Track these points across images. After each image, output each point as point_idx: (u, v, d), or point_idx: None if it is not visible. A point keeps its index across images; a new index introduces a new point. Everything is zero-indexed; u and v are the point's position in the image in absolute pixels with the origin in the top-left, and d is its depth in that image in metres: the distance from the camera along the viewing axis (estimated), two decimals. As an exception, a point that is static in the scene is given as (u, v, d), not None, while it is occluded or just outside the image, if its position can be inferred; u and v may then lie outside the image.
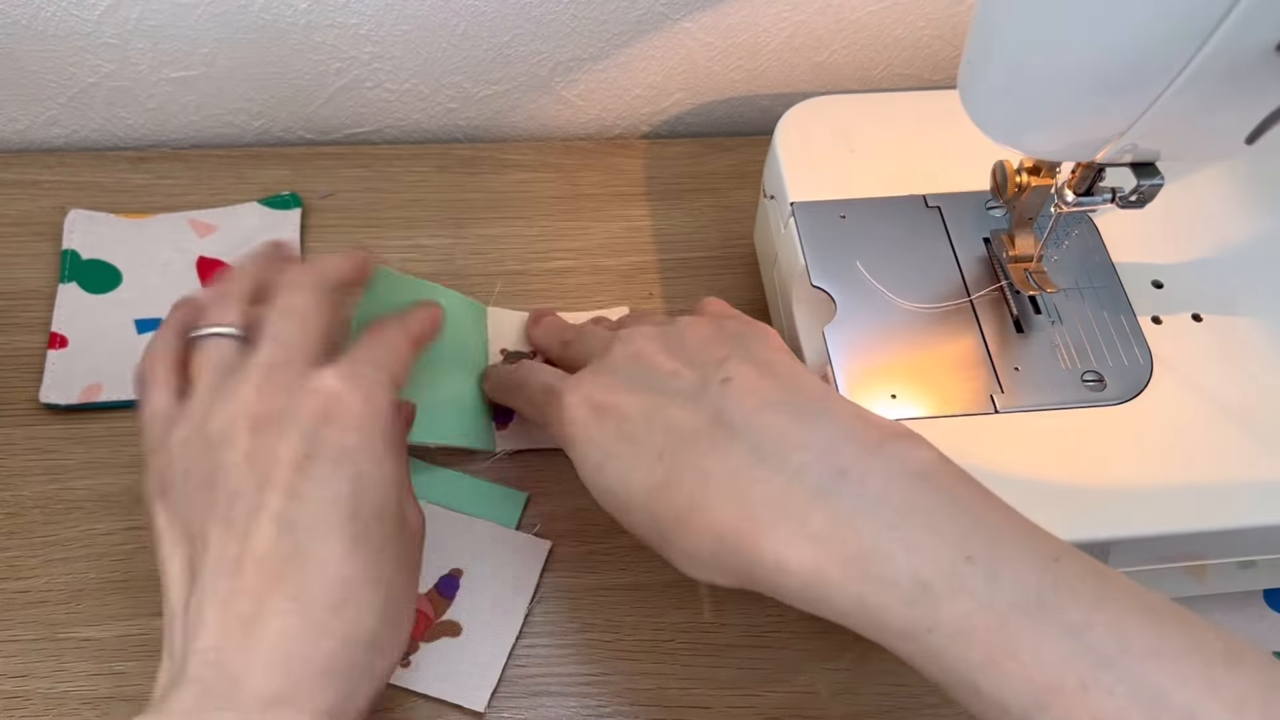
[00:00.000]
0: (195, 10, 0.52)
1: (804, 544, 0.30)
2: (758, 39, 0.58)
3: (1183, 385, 0.42)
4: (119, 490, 0.46)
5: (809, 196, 0.46)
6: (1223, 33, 0.28)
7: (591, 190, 0.58)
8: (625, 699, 0.42)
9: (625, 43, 0.57)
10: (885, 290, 0.44)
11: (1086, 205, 0.40)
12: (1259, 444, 0.40)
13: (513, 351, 0.50)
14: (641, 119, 0.62)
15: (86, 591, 0.43)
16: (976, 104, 0.36)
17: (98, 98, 0.56)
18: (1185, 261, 0.45)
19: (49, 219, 0.53)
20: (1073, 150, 0.37)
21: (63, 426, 0.47)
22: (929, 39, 0.60)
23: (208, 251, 0.52)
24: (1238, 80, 0.30)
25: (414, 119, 0.60)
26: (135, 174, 0.56)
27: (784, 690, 0.43)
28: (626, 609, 0.44)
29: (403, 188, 0.57)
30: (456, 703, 0.41)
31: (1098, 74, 0.31)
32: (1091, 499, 0.39)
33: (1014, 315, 0.44)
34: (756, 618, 0.44)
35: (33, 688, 0.41)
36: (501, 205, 0.56)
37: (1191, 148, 0.36)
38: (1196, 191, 0.47)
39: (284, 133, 0.60)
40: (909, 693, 0.43)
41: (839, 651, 0.44)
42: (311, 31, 0.54)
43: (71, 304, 0.50)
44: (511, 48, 0.56)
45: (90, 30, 0.52)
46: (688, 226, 0.57)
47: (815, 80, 0.61)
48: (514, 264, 0.54)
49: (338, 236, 0.54)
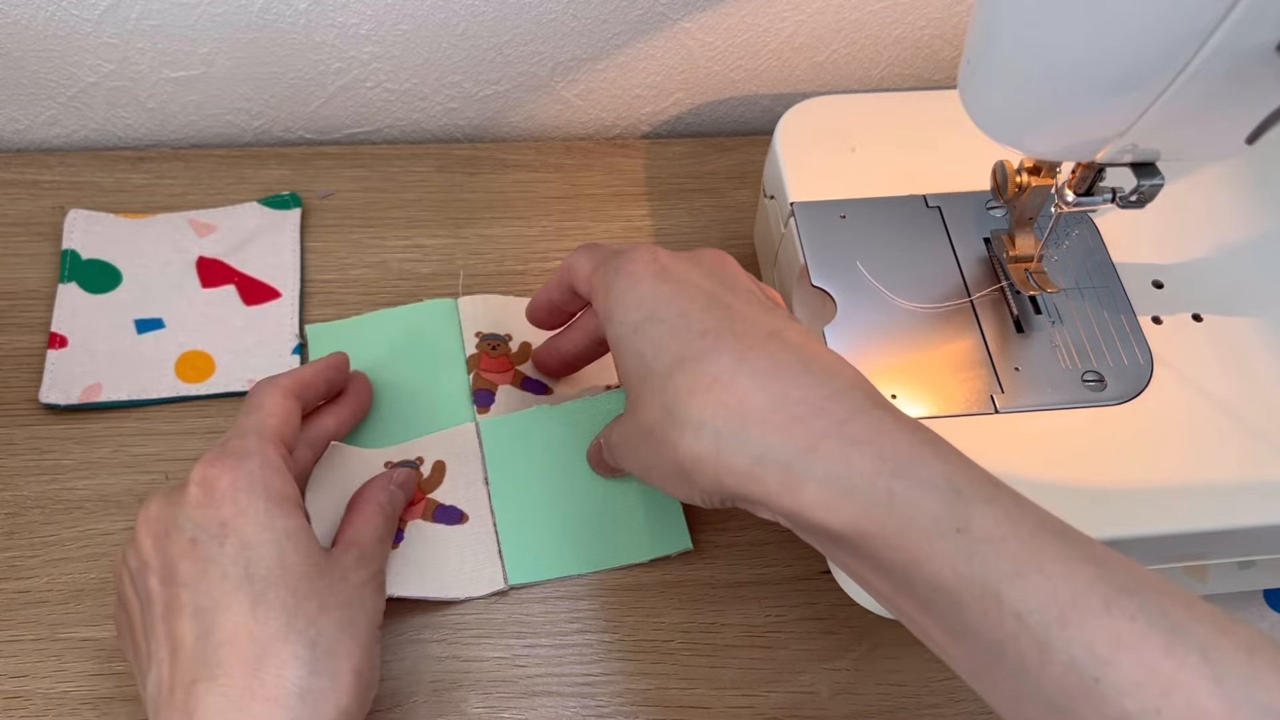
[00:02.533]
0: (195, 10, 0.52)
1: (837, 442, 0.31)
2: (758, 39, 0.58)
3: (1183, 385, 0.42)
4: (119, 490, 0.46)
5: (809, 196, 0.46)
6: (1223, 32, 0.28)
7: (591, 190, 0.58)
8: (625, 699, 0.42)
9: (625, 43, 0.57)
10: (885, 290, 0.44)
11: (1086, 205, 0.40)
12: (1259, 444, 0.40)
13: (488, 334, 0.50)
14: (641, 119, 0.62)
15: (86, 591, 0.43)
16: (976, 104, 0.36)
17: (97, 98, 0.56)
18: (1185, 261, 0.45)
19: (49, 219, 0.53)
20: (1073, 150, 0.37)
21: (63, 426, 0.47)
22: (929, 39, 0.60)
23: (208, 251, 0.52)
24: (1238, 80, 0.30)
25: (414, 119, 0.60)
26: (135, 174, 0.56)
27: (784, 690, 0.43)
28: (626, 609, 0.44)
29: (402, 188, 0.57)
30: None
31: (1098, 74, 0.31)
32: (1091, 499, 0.39)
33: (1014, 315, 0.44)
34: (756, 618, 0.44)
35: (33, 688, 0.41)
36: (501, 205, 0.56)
37: (1192, 148, 0.36)
38: (1196, 191, 0.47)
39: (284, 133, 0.60)
40: (909, 692, 0.43)
41: (839, 651, 0.44)
42: (311, 31, 0.54)
43: (71, 304, 0.50)
44: (511, 48, 0.56)
45: (90, 30, 0.52)
46: (688, 226, 0.57)
47: (815, 80, 0.61)
48: (514, 264, 0.54)
49: (338, 236, 0.54)
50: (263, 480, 0.36)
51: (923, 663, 0.44)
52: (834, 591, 0.44)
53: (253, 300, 0.51)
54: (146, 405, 0.48)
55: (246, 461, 0.36)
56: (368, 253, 0.54)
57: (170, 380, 0.48)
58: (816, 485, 0.31)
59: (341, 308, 0.52)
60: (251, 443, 0.37)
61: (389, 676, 0.42)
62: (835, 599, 0.44)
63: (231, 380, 0.49)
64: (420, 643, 0.43)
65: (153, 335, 0.50)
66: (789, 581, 0.46)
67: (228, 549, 0.34)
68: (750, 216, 0.55)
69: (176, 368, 0.49)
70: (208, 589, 0.34)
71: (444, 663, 0.43)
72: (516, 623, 0.44)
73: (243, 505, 0.35)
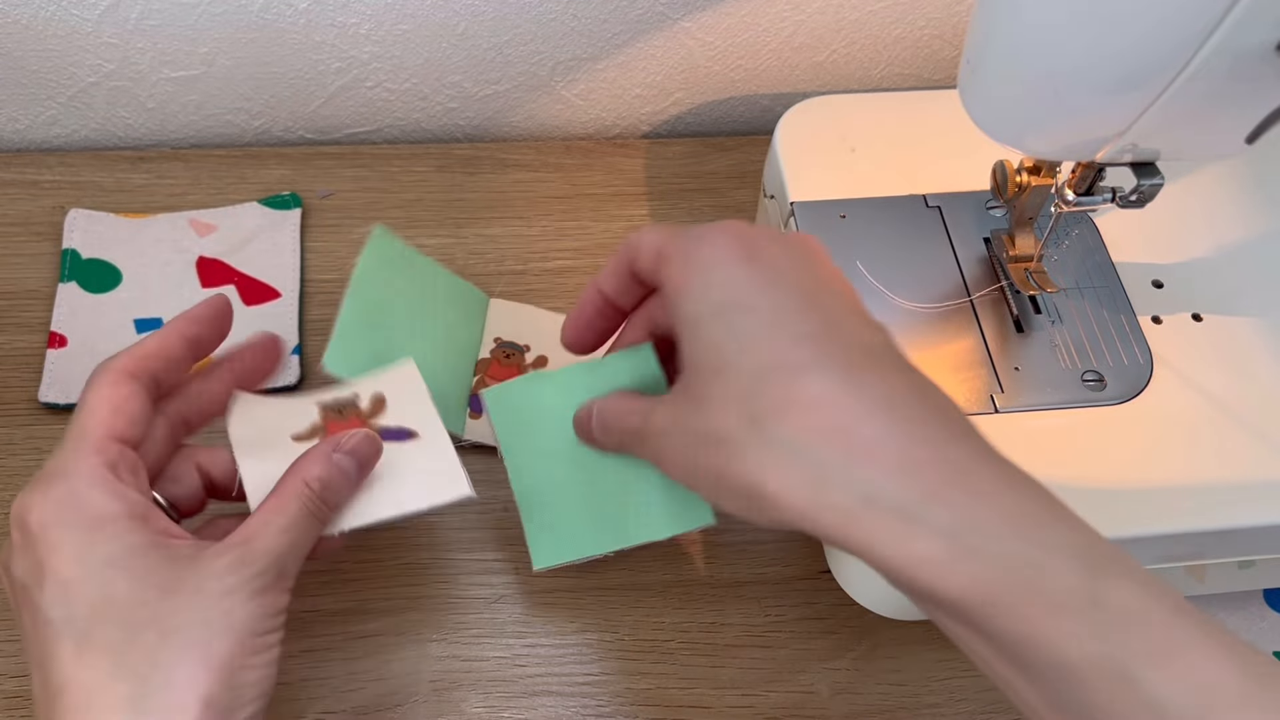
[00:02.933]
0: (195, 10, 0.52)
1: (962, 492, 0.27)
2: (758, 39, 0.58)
3: (1183, 385, 0.42)
4: (119, 490, 0.46)
5: (809, 196, 0.46)
6: (1223, 32, 0.28)
7: (591, 190, 0.58)
8: (625, 699, 0.42)
9: (625, 43, 0.57)
10: (885, 290, 0.44)
11: (1086, 205, 0.40)
12: (1259, 444, 0.40)
13: (506, 341, 0.49)
14: (641, 119, 0.62)
15: (86, 591, 0.43)
16: (977, 104, 0.36)
17: (98, 97, 0.56)
18: (1185, 261, 0.45)
19: (49, 219, 0.53)
20: (1073, 150, 0.37)
21: (62, 426, 0.47)
22: (929, 39, 0.60)
23: (208, 251, 0.52)
24: (1238, 80, 0.30)
25: (414, 119, 0.60)
26: (135, 174, 0.56)
27: (784, 690, 0.43)
28: (626, 609, 0.44)
29: (402, 187, 0.57)
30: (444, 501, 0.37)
31: (1098, 73, 0.31)
32: (1091, 499, 0.38)
33: (1014, 315, 0.44)
34: (756, 617, 0.44)
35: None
36: (501, 205, 0.56)
37: (1191, 147, 0.36)
38: (1196, 191, 0.47)
39: (284, 132, 0.60)
40: (909, 692, 0.43)
41: (839, 651, 0.44)
42: (311, 31, 0.54)
43: (71, 303, 0.50)
44: (511, 47, 0.56)
45: (90, 30, 0.52)
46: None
47: (815, 80, 0.61)
48: (514, 264, 0.54)
49: (337, 236, 0.54)
50: (74, 505, 0.31)
51: (923, 662, 0.44)
52: (834, 591, 0.44)
53: (253, 300, 0.51)
54: (146, 405, 0.48)
55: (54, 488, 0.32)
56: (368, 252, 0.54)
57: (170, 380, 0.48)
58: (935, 539, 0.27)
59: (341, 307, 0.52)
60: (63, 459, 0.32)
61: (389, 676, 0.42)
62: (835, 598, 0.44)
63: (231, 380, 0.49)
64: (420, 643, 0.43)
65: (153, 335, 0.50)
66: (789, 581, 0.46)
67: (47, 592, 0.30)
68: (750, 216, 0.55)
69: (176, 367, 0.49)
70: (39, 639, 0.31)
71: (444, 663, 0.43)
72: (516, 623, 0.44)
73: (54, 540, 0.31)
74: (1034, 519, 0.27)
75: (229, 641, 0.31)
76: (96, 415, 0.33)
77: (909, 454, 0.28)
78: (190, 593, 0.31)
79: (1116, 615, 0.26)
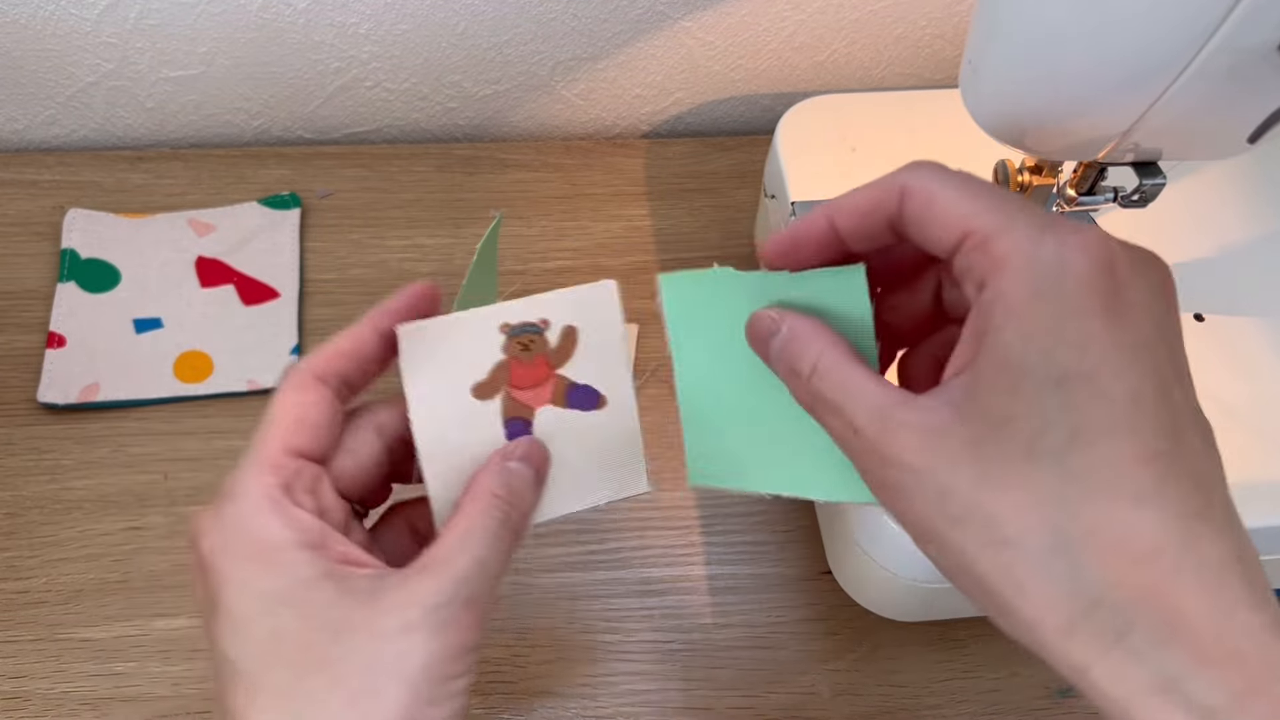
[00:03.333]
0: (194, 10, 0.52)
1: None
2: (758, 38, 0.58)
3: (1184, 385, 0.42)
4: (118, 490, 0.46)
5: (810, 196, 0.46)
6: (1224, 32, 0.28)
7: (591, 190, 0.58)
8: (625, 699, 0.42)
9: (625, 42, 0.57)
10: (886, 290, 0.44)
11: (1088, 205, 0.40)
12: (1259, 444, 0.40)
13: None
14: (641, 119, 0.62)
15: (85, 592, 0.43)
16: (978, 103, 0.36)
17: (97, 97, 0.56)
18: (1185, 261, 0.45)
19: (48, 219, 0.53)
20: (1074, 149, 0.37)
21: (61, 426, 0.47)
22: (930, 38, 0.60)
23: (207, 251, 0.52)
24: (1239, 80, 0.30)
25: (413, 118, 0.60)
26: (134, 174, 0.56)
27: (785, 691, 0.43)
28: (626, 609, 0.44)
29: (402, 187, 0.57)
30: None
31: (1100, 73, 0.31)
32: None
33: (1015, 315, 0.44)
34: (757, 618, 0.44)
35: (32, 688, 0.41)
36: (501, 205, 0.56)
37: (1193, 147, 0.36)
38: (1199, 191, 0.47)
39: (283, 132, 0.60)
40: (910, 693, 0.43)
41: (840, 652, 0.44)
42: (311, 31, 0.54)
43: (70, 303, 0.50)
44: (511, 47, 0.56)
45: (89, 30, 0.52)
46: (688, 226, 0.57)
47: (816, 80, 0.61)
48: (514, 264, 0.54)
49: (337, 236, 0.54)
50: (242, 533, 0.29)
51: (924, 663, 0.44)
52: (835, 592, 0.44)
53: (252, 300, 0.51)
54: (145, 405, 0.48)
55: (224, 511, 0.29)
56: (367, 252, 0.54)
57: (169, 380, 0.48)
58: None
59: (341, 308, 0.52)
60: (239, 477, 0.29)
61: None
62: (836, 599, 0.44)
63: (230, 380, 0.49)
64: (420, 643, 0.43)
65: (151, 335, 0.50)
66: (789, 581, 0.45)
67: (221, 627, 0.28)
68: (751, 216, 0.55)
69: (175, 367, 0.49)
70: (218, 671, 0.28)
71: (444, 663, 0.43)
72: (517, 622, 0.44)
73: (225, 572, 0.28)
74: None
75: (401, 690, 0.27)
76: (276, 427, 0.30)
77: (1230, 646, 0.23)
78: (363, 632, 0.28)
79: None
